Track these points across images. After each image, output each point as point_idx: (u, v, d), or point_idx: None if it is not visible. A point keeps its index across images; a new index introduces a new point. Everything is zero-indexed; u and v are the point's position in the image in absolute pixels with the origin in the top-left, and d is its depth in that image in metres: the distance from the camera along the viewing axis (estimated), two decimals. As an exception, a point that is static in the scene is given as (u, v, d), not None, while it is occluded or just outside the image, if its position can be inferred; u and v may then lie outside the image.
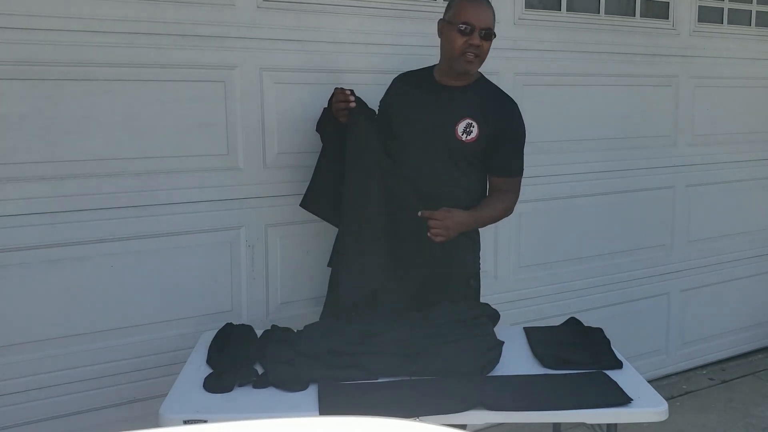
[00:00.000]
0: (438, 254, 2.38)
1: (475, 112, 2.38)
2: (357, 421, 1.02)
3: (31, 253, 2.27)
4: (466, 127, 2.36)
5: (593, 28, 3.37)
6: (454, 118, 2.38)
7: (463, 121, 2.37)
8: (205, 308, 2.56)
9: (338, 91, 2.39)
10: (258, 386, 1.95)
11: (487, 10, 2.36)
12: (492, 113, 2.40)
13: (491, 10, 2.37)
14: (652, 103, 3.62)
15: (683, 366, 3.96)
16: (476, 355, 2.06)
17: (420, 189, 2.38)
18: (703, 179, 3.84)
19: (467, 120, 2.37)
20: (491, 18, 2.36)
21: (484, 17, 2.33)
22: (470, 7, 2.33)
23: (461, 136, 2.37)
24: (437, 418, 1.79)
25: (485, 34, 2.32)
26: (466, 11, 2.32)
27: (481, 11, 2.33)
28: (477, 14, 2.32)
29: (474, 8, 2.32)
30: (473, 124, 2.37)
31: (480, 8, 2.34)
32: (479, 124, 2.37)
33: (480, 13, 2.32)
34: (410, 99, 2.46)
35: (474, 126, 2.37)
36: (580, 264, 3.48)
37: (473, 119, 2.37)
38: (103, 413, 2.41)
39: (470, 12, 2.32)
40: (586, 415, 1.89)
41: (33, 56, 2.21)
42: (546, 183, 3.30)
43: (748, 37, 3.92)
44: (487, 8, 2.36)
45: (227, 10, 2.49)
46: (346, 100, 2.33)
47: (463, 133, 2.37)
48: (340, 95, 2.36)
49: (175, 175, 2.47)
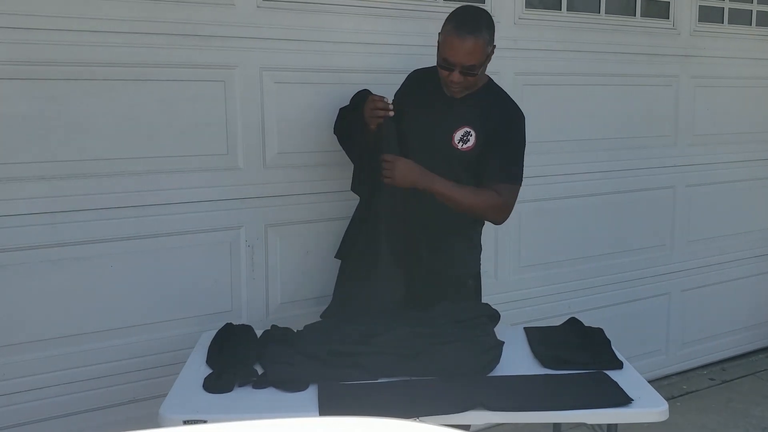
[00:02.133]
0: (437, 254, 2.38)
1: (474, 120, 2.34)
2: (357, 421, 1.02)
3: (31, 253, 2.27)
4: (464, 136, 2.33)
5: (593, 27, 3.37)
6: (453, 125, 2.34)
7: (461, 129, 2.33)
8: (205, 308, 2.56)
9: (377, 98, 2.32)
10: (258, 386, 1.95)
11: (472, 43, 2.20)
12: (490, 122, 2.34)
13: (479, 40, 2.21)
14: (653, 103, 3.62)
15: (683, 366, 3.96)
16: (476, 355, 2.06)
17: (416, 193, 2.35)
18: (703, 179, 3.84)
19: (465, 128, 2.33)
20: (478, 52, 2.22)
21: (465, 55, 2.20)
22: (452, 44, 2.21)
23: (457, 144, 2.34)
24: (437, 418, 1.79)
25: (466, 71, 2.23)
26: (447, 47, 2.22)
27: (463, 48, 2.19)
28: (458, 52, 2.20)
29: (456, 45, 2.20)
30: (471, 132, 2.33)
31: (463, 45, 2.19)
32: (477, 132, 2.33)
33: (461, 51, 2.20)
34: (416, 99, 2.44)
35: (472, 135, 2.33)
36: (580, 264, 3.48)
37: (472, 128, 2.33)
38: (103, 413, 2.41)
39: (452, 49, 2.21)
40: (587, 415, 1.90)
41: (33, 56, 2.21)
42: (546, 183, 3.29)
43: (749, 37, 3.92)
44: (471, 42, 2.20)
45: (227, 10, 2.49)
46: (385, 109, 2.29)
47: (459, 142, 2.33)
48: (379, 103, 2.30)
49: (175, 175, 2.47)
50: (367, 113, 2.33)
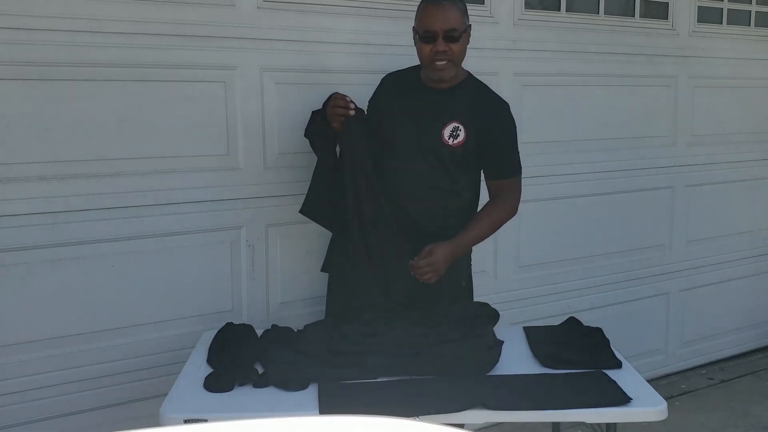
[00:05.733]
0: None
1: (461, 114, 2.33)
2: (357, 420, 1.02)
3: (31, 253, 2.28)
4: (453, 131, 2.32)
5: (593, 28, 3.37)
6: (441, 121, 2.33)
7: (449, 124, 2.32)
8: (205, 308, 2.57)
9: (338, 96, 2.33)
10: (258, 386, 1.95)
11: (449, 9, 2.22)
12: (479, 115, 2.34)
13: (455, 7, 2.23)
14: (652, 103, 3.63)
15: (682, 366, 3.97)
16: (476, 355, 2.06)
17: (408, 196, 2.36)
18: (702, 179, 3.85)
19: (454, 123, 2.32)
20: (455, 16, 2.22)
21: (445, 18, 2.20)
22: (429, 12, 2.22)
23: (448, 140, 2.32)
24: (437, 418, 1.79)
25: (450, 36, 2.21)
26: (425, 18, 2.23)
27: (440, 13, 2.20)
28: (436, 18, 2.20)
29: (433, 12, 2.21)
30: (460, 127, 2.32)
31: (439, 10, 2.21)
32: (466, 127, 2.32)
33: (439, 16, 2.20)
34: (398, 101, 2.41)
35: (461, 129, 2.32)
36: (580, 264, 3.49)
37: (460, 122, 2.32)
38: (103, 413, 2.41)
39: (429, 17, 2.21)
40: (586, 414, 1.90)
41: (33, 56, 2.22)
42: (546, 183, 3.30)
43: (748, 38, 3.92)
44: (448, 7, 2.22)
45: (227, 10, 2.50)
46: (346, 107, 2.30)
47: (449, 137, 2.32)
48: (339, 101, 2.31)
49: (176, 175, 2.47)
50: (329, 111, 2.33)
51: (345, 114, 2.30)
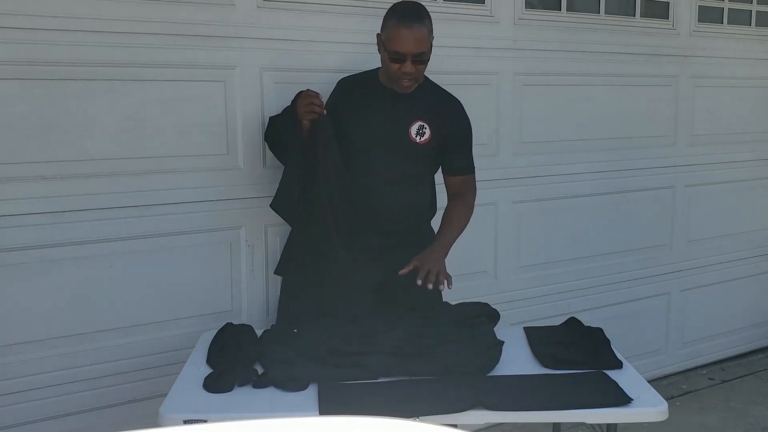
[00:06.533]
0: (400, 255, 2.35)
1: (425, 114, 2.41)
2: (357, 421, 1.02)
3: (31, 253, 2.27)
4: (419, 129, 2.40)
5: (593, 28, 3.37)
6: (407, 121, 2.40)
7: (415, 123, 2.40)
8: (205, 308, 2.57)
9: (312, 94, 2.32)
10: (258, 386, 1.95)
11: (419, 31, 2.25)
12: (441, 114, 2.43)
13: (424, 28, 2.26)
14: (652, 103, 3.62)
15: (683, 366, 3.96)
16: (476, 355, 2.06)
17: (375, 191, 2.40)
18: (702, 179, 3.85)
19: (419, 122, 2.40)
20: (425, 39, 2.26)
21: (415, 43, 2.24)
22: (401, 35, 2.24)
23: (415, 137, 2.40)
24: (437, 418, 1.79)
25: (418, 59, 2.27)
26: (396, 39, 2.24)
27: (412, 37, 2.24)
28: (407, 42, 2.23)
29: (404, 35, 2.24)
30: (425, 126, 2.40)
31: (410, 34, 2.24)
32: (430, 125, 2.41)
33: (410, 40, 2.23)
34: (361, 104, 2.45)
35: (426, 128, 2.41)
36: (580, 264, 3.49)
37: (424, 121, 2.40)
38: (103, 413, 2.41)
39: (401, 40, 2.24)
40: (586, 415, 1.89)
41: (33, 56, 2.21)
42: (546, 183, 3.30)
43: (748, 37, 3.92)
44: (418, 30, 2.24)
45: (227, 10, 2.49)
46: (321, 105, 2.31)
47: (416, 135, 2.40)
48: (315, 99, 2.30)
49: (175, 175, 2.47)
50: (302, 108, 2.32)
51: (320, 112, 2.31)
